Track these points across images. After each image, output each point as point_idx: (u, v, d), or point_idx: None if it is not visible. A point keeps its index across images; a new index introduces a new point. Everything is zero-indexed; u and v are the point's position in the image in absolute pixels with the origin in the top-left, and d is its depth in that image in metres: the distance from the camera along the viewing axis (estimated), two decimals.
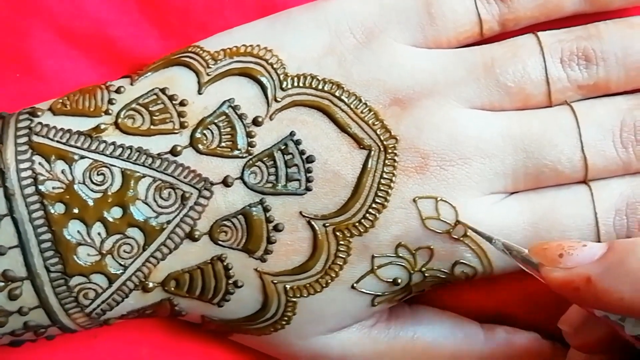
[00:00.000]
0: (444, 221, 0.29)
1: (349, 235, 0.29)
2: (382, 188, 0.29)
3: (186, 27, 0.33)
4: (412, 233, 0.29)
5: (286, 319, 0.30)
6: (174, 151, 0.28)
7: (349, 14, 0.30)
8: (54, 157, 0.28)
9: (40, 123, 0.28)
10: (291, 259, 0.29)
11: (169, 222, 0.28)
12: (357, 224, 0.29)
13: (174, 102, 0.29)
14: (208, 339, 0.33)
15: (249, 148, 0.29)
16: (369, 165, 0.29)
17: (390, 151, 0.29)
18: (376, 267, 0.29)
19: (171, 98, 0.29)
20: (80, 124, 0.29)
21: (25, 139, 0.28)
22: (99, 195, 0.28)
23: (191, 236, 0.28)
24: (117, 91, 0.30)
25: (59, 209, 0.27)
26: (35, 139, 0.28)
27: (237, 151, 0.29)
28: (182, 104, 0.29)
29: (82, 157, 0.28)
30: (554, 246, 0.25)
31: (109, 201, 0.28)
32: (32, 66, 0.32)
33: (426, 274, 0.29)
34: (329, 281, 0.29)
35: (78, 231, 0.28)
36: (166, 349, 0.33)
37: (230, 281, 0.29)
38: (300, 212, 0.29)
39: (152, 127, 0.29)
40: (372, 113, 0.29)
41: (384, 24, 0.30)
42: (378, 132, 0.29)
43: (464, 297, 0.33)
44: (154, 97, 0.29)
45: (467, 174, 0.29)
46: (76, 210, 0.27)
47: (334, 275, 0.29)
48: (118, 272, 0.28)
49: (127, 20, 0.33)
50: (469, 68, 0.30)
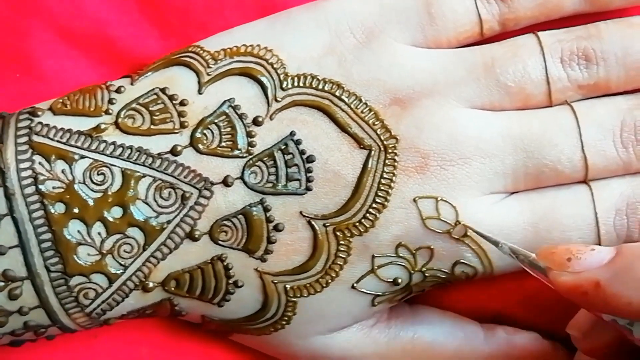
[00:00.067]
0: (444, 221, 0.29)
1: (349, 235, 0.29)
2: (382, 188, 0.29)
3: (186, 27, 0.33)
4: (412, 233, 0.29)
5: (286, 319, 0.30)
6: (174, 151, 0.28)
7: (349, 14, 0.30)
8: (54, 157, 0.28)
9: (41, 123, 0.28)
10: (291, 258, 0.29)
11: (169, 222, 0.28)
12: (357, 223, 0.29)
13: (174, 101, 0.29)
14: (208, 339, 0.33)
15: (249, 148, 0.29)
16: (369, 165, 0.29)
17: (390, 151, 0.29)
18: (376, 267, 0.29)
19: (171, 98, 0.29)
20: (81, 124, 0.28)
21: (25, 138, 0.28)
22: (99, 195, 0.28)
23: (191, 236, 0.28)
24: (117, 91, 0.30)
25: (59, 208, 0.27)
26: (36, 138, 0.28)
27: (238, 151, 0.29)
28: (182, 103, 0.29)
29: (83, 157, 0.28)
30: (562, 250, 0.24)
31: (109, 201, 0.28)
32: (32, 66, 0.32)
33: (426, 274, 0.29)
34: (329, 281, 0.29)
35: (78, 231, 0.27)
36: (166, 349, 0.33)
37: (231, 281, 0.29)
38: (301, 212, 0.29)
39: (152, 126, 0.29)
40: (373, 113, 0.29)
41: (384, 23, 0.30)
42: (378, 132, 0.29)
43: (464, 297, 0.33)
44: (154, 96, 0.29)
45: (467, 173, 0.29)
46: (76, 210, 0.27)
47: (334, 275, 0.29)
48: (118, 272, 0.28)
49: (127, 20, 0.33)
50: (469, 68, 0.30)
